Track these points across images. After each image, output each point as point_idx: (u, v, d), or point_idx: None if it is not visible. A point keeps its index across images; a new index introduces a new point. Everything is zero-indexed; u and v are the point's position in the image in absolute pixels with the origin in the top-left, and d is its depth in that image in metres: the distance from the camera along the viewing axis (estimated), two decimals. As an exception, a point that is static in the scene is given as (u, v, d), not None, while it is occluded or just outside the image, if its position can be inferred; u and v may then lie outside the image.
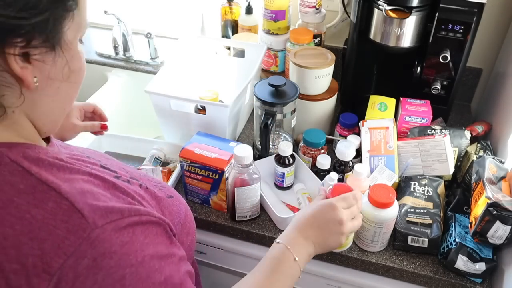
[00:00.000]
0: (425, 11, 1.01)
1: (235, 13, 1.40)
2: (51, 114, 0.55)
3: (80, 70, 0.56)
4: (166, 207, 0.63)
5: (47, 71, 0.50)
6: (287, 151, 0.98)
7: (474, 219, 0.82)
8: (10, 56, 0.46)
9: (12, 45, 0.45)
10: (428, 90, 1.10)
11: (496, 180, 0.86)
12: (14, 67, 0.46)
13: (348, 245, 0.92)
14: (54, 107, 0.55)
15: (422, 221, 0.87)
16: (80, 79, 0.57)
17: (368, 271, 0.92)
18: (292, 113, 1.07)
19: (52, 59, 0.50)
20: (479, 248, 0.83)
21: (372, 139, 1.02)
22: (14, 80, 0.48)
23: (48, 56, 0.50)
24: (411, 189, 0.94)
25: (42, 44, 0.48)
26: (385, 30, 1.05)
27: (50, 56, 0.50)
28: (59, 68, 0.52)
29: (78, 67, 0.55)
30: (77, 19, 0.52)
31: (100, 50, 1.55)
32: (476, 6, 0.98)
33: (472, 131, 1.07)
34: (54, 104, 0.55)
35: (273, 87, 1.01)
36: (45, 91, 0.52)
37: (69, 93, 0.56)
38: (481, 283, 0.85)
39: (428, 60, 1.07)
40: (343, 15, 1.32)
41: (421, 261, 0.89)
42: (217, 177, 0.93)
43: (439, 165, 0.97)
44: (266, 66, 1.37)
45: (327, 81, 1.12)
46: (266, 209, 0.99)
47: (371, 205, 0.84)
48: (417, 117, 1.06)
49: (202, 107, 1.07)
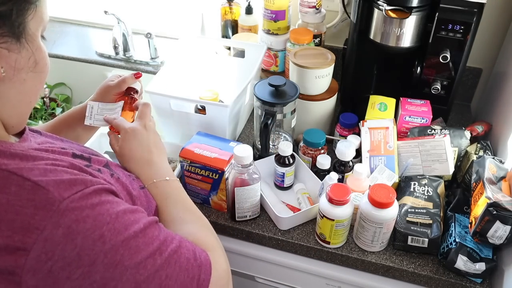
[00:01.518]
0: (425, 11, 1.01)
1: (235, 13, 1.40)
2: (18, 106, 0.56)
3: (44, 62, 0.57)
4: (138, 198, 0.65)
5: (13, 61, 0.52)
6: (287, 151, 0.98)
7: (474, 219, 0.82)
8: None
9: None
10: (428, 90, 1.10)
11: (496, 180, 0.86)
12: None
13: (342, 242, 0.92)
14: (20, 99, 0.56)
15: (422, 221, 0.87)
16: (45, 71, 0.58)
17: (368, 271, 0.92)
18: (292, 113, 1.07)
19: (18, 50, 0.52)
20: (479, 248, 0.83)
21: (372, 139, 1.02)
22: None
23: (13, 46, 0.51)
24: (411, 189, 0.94)
25: (6, 34, 0.49)
26: (385, 30, 1.05)
27: (15, 46, 0.51)
28: (25, 59, 0.53)
29: (42, 57, 0.56)
30: (39, 11, 0.53)
31: (100, 50, 1.55)
32: (476, 6, 0.98)
33: (472, 131, 1.07)
34: (21, 96, 0.55)
35: (273, 87, 1.01)
36: (11, 83, 0.53)
37: (35, 85, 0.57)
38: (481, 283, 0.85)
39: (428, 60, 1.07)
40: (343, 15, 1.32)
41: (421, 261, 0.89)
42: (217, 177, 0.93)
43: (439, 165, 0.97)
44: (266, 66, 1.37)
45: (327, 81, 1.12)
46: (266, 209, 0.99)
47: (371, 205, 0.84)
48: (417, 117, 1.06)
49: (202, 107, 1.07)
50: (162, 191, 0.72)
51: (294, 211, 0.98)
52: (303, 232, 0.95)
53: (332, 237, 0.90)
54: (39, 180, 0.49)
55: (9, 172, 0.49)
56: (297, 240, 0.94)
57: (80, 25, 1.71)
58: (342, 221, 0.87)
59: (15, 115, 0.56)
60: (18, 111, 0.57)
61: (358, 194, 0.92)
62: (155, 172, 0.74)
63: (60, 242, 0.47)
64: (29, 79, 0.55)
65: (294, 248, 0.95)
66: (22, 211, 0.47)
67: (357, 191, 0.93)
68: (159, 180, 0.73)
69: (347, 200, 0.85)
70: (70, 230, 0.47)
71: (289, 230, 0.96)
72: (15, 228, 0.46)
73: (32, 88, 0.57)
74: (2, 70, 0.50)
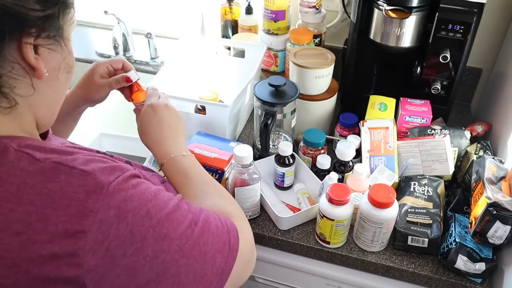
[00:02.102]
0: (425, 11, 1.01)
1: (235, 13, 1.40)
2: (51, 105, 0.59)
3: (73, 66, 0.60)
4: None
5: (53, 62, 0.55)
6: (287, 151, 0.98)
7: (474, 219, 0.82)
8: (26, 46, 0.49)
9: (29, 35, 0.49)
10: (428, 90, 1.10)
11: (496, 180, 0.86)
12: (30, 57, 0.50)
13: (342, 242, 0.92)
14: (54, 99, 0.59)
15: (422, 221, 0.87)
16: (71, 75, 0.60)
17: (368, 271, 0.92)
18: (292, 113, 1.07)
19: (59, 51, 0.55)
20: (479, 248, 0.83)
21: (372, 139, 1.02)
22: (24, 71, 0.51)
23: (56, 48, 0.54)
24: (411, 189, 0.94)
25: (50, 36, 0.52)
26: (385, 30, 1.05)
27: (55, 48, 0.54)
28: (62, 60, 0.56)
29: (72, 62, 0.59)
30: (73, 15, 0.57)
31: (100, 50, 1.55)
32: (476, 6, 0.98)
33: (472, 131, 1.07)
34: (55, 95, 0.59)
35: (273, 87, 1.01)
36: (49, 83, 0.55)
37: (66, 85, 0.60)
38: (481, 283, 0.85)
39: (428, 60, 1.07)
40: (343, 15, 1.32)
41: (421, 261, 0.89)
42: (217, 177, 0.93)
43: (439, 165, 0.97)
44: (266, 66, 1.37)
45: (327, 81, 1.12)
46: (266, 209, 0.99)
47: (371, 205, 0.84)
48: (417, 117, 1.06)
49: (202, 107, 1.07)
50: (181, 166, 0.75)
51: (294, 211, 0.98)
52: (303, 232, 0.95)
53: (332, 237, 0.90)
54: (85, 168, 0.51)
55: (55, 163, 0.51)
56: (297, 240, 0.94)
57: (80, 25, 1.71)
58: (342, 221, 0.87)
59: (47, 114, 0.59)
60: (51, 110, 0.60)
61: (358, 194, 0.92)
62: (172, 148, 0.76)
63: (113, 222, 0.50)
64: (63, 79, 0.58)
65: (294, 248, 0.95)
66: (75, 196, 0.49)
67: (357, 191, 0.93)
68: (176, 155, 0.75)
69: (347, 200, 0.85)
70: (120, 210, 0.50)
71: (289, 230, 0.96)
72: (72, 213, 0.48)
73: (64, 88, 0.60)
74: (45, 70, 0.53)
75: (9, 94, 0.51)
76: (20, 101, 0.53)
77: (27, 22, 0.48)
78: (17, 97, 0.52)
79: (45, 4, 0.50)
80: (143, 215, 0.52)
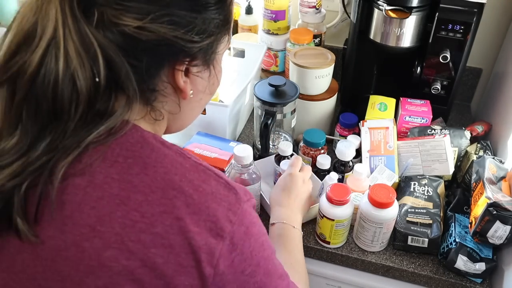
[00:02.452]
0: (425, 11, 1.01)
1: (235, 13, 1.40)
2: (186, 120, 0.64)
3: (219, 81, 0.64)
4: None
5: (200, 85, 0.59)
6: (287, 151, 0.98)
7: (474, 219, 0.82)
8: (178, 72, 0.54)
9: (182, 63, 0.53)
10: (428, 90, 1.10)
11: (496, 180, 0.86)
12: (179, 81, 0.54)
13: (342, 242, 0.92)
14: (190, 115, 0.64)
15: (422, 221, 0.87)
16: (214, 93, 0.65)
17: (368, 271, 0.92)
18: (292, 113, 1.07)
19: (206, 75, 0.58)
20: (479, 248, 0.83)
21: (372, 139, 1.02)
22: (173, 91, 0.56)
23: (204, 73, 0.58)
24: (411, 189, 0.94)
25: (201, 63, 0.56)
26: (385, 30, 1.05)
27: (205, 73, 0.58)
28: (210, 83, 0.60)
29: (220, 78, 0.63)
30: (228, 38, 0.60)
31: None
32: (476, 6, 0.98)
33: (472, 131, 1.07)
34: (192, 112, 0.63)
35: (273, 87, 1.01)
36: (192, 103, 0.60)
37: (205, 104, 0.64)
38: (481, 283, 0.85)
39: (428, 60, 1.07)
40: (343, 15, 1.32)
41: (421, 261, 0.89)
42: (217, 177, 0.93)
43: (439, 165, 0.97)
44: (266, 66, 1.37)
45: (327, 81, 1.12)
46: (266, 209, 0.99)
47: (371, 205, 0.84)
48: (417, 117, 1.06)
49: (202, 107, 1.07)
50: (286, 233, 0.79)
51: (294, 211, 0.98)
52: (303, 232, 0.95)
53: (332, 237, 0.90)
54: (228, 180, 0.55)
55: (204, 167, 0.54)
56: (297, 240, 0.94)
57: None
58: (342, 221, 0.87)
59: (178, 127, 0.64)
60: (182, 124, 0.64)
61: (358, 194, 0.92)
62: (288, 217, 0.82)
63: (241, 238, 0.52)
64: (204, 98, 0.62)
65: (294, 248, 0.95)
66: (221, 203, 0.52)
67: (357, 191, 0.93)
68: (287, 224, 0.80)
69: (347, 200, 0.85)
70: (248, 230, 0.53)
71: (289, 230, 0.96)
72: (218, 216, 0.51)
73: (201, 107, 0.64)
74: (191, 92, 0.57)
75: (159, 109, 0.56)
76: (165, 116, 0.58)
77: (183, 52, 0.52)
78: (164, 112, 0.57)
79: (201, 35, 0.52)
80: (260, 243, 0.55)
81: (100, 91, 0.48)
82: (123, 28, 0.47)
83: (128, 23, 0.47)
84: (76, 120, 0.48)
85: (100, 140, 0.49)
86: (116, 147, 0.50)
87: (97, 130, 0.49)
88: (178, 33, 0.50)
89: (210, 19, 0.53)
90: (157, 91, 0.54)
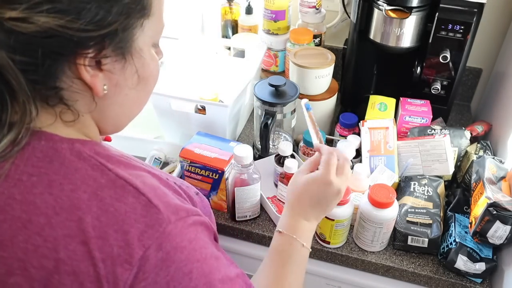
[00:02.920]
0: (425, 11, 1.01)
1: (235, 13, 1.40)
2: (116, 119, 0.57)
3: (150, 77, 0.56)
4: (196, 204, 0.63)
5: (116, 79, 0.51)
6: (287, 151, 0.98)
7: (474, 219, 0.82)
8: (81, 66, 0.47)
9: (82, 56, 0.47)
10: (428, 90, 1.10)
11: (496, 180, 0.86)
12: (85, 76, 0.48)
13: (342, 242, 0.92)
14: (120, 113, 0.57)
15: (422, 221, 0.87)
16: (150, 86, 0.58)
17: (368, 271, 0.92)
18: (292, 113, 1.07)
19: (122, 68, 0.51)
20: (479, 248, 0.83)
21: (372, 139, 1.02)
22: (85, 87, 0.49)
23: (118, 65, 0.50)
24: (411, 189, 0.94)
25: (112, 53, 0.49)
26: (385, 30, 1.05)
27: (120, 65, 0.51)
28: (128, 76, 0.53)
29: (148, 74, 0.55)
30: (150, 26, 0.52)
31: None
32: (476, 6, 0.98)
33: (472, 131, 1.07)
34: (121, 109, 0.56)
35: (273, 87, 1.01)
36: (113, 98, 0.53)
37: (138, 99, 0.57)
38: (481, 283, 0.85)
39: (428, 60, 1.07)
40: (343, 15, 1.32)
41: (421, 261, 0.89)
42: (217, 177, 0.93)
43: (439, 165, 0.97)
44: (266, 66, 1.37)
45: (327, 81, 1.12)
46: (266, 209, 0.99)
47: (371, 205, 0.84)
48: (417, 117, 1.06)
49: (202, 107, 1.07)
50: (291, 251, 0.68)
51: (294, 211, 0.98)
52: (303, 232, 0.95)
53: (332, 237, 0.90)
54: (152, 198, 0.49)
55: (125, 182, 0.49)
56: (297, 240, 0.94)
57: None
58: (342, 221, 0.87)
59: (112, 126, 0.58)
60: (117, 123, 0.58)
61: (358, 194, 0.92)
62: (302, 231, 0.70)
63: (156, 265, 0.47)
64: (132, 94, 0.55)
65: (294, 248, 0.95)
66: (135, 225, 0.47)
67: (357, 191, 0.93)
68: (296, 240, 0.69)
69: (347, 200, 0.85)
70: (168, 256, 0.48)
71: (289, 230, 0.96)
72: (128, 241, 0.46)
73: (134, 102, 0.57)
74: (104, 88, 0.50)
75: (71, 106, 0.50)
76: (84, 114, 0.52)
77: (77, 44, 0.46)
78: (80, 111, 0.51)
79: (98, 23, 0.45)
80: (185, 272, 0.49)
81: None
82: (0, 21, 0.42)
83: (2, 15, 0.41)
84: None
85: (4, 155, 0.45)
86: (20, 164, 0.47)
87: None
88: (63, 22, 0.43)
89: (111, 4, 0.46)
90: (62, 88, 0.48)
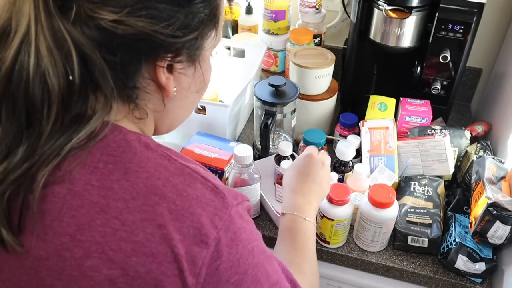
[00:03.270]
0: (425, 11, 1.01)
1: (235, 13, 1.40)
2: (174, 120, 0.61)
3: (208, 82, 0.61)
4: None
5: (185, 83, 0.56)
6: (287, 151, 0.98)
7: (474, 219, 0.82)
8: (159, 68, 0.51)
9: (163, 59, 0.50)
10: (428, 90, 1.10)
11: (496, 180, 0.86)
12: (161, 78, 0.51)
13: (342, 242, 0.92)
14: (179, 114, 0.61)
15: (422, 221, 0.87)
16: (205, 90, 0.62)
17: (368, 271, 0.92)
18: (292, 113, 1.07)
19: (191, 72, 0.55)
20: (479, 248, 0.83)
21: (372, 139, 1.02)
22: (157, 88, 0.53)
23: (188, 70, 0.55)
24: (411, 189, 0.94)
25: (186, 59, 0.53)
26: (385, 30, 1.05)
27: (190, 70, 0.55)
28: (196, 81, 0.57)
29: (208, 80, 0.60)
30: (214, 37, 0.57)
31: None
32: (476, 6, 0.98)
33: (472, 131, 1.07)
34: (180, 111, 0.61)
35: (273, 87, 1.01)
36: (178, 101, 0.57)
37: (194, 103, 0.62)
38: (481, 283, 0.85)
39: (428, 60, 1.07)
40: (343, 15, 1.32)
41: (421, 261, 0.89)
42: (217, 177, 0.93)
43: (439, 165, 0.97)
44: (266, 66, 1.37)
45: (327, 81, 1.12)
46: (266, 209, 0.99)
47: (371, 205, 0.84)
48: (417, 117, 1.06)
49: (202, 107, 1.07)
50: (297, 227, 0.73)
51: (294, 211, 0.98)
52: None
53: (332, 237, 0.90)
54: (217, 184, 0.52)
55: (191, 170, 0.52)
56: (297, 240, 0.94)
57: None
58: (342, 221, 0.87)
59: (167, 127, 0.62)
60: (171, 124, 0.62)
61: (358, 194, 0.92)
62: (301, 207, 0.75)
63: (228, 244, 0.50)
64: (192, 97, 0.59)
65: (294, 248, 0.95)
66: (206, 208, 0.50)
67: (357, 191, 0.93)
68: (299, 216, 0.74)
69: (347, 200, 0.85)
70: (235, 236, 0.51)
71: (289, 230, 0.96)
72: (202, 222, 0.49)
73: (191, 106, 0.62)
74: (174, 90, 0.54)
75: (142, 107, 0.53)
76: (149, 114, 0.55)
77: (163, 48, 0.49)
78: (148, 111, 0.54)
79: (184, 30, 0.50)
80: (249, 250, 0.52)
81: (74, 90, 0.46)
82: (99, 22, 0.45)
83: (104, 17, 0.45)
84: (51, 123, 0.46)
85: (80, 145, 0.47)
86: (96, 153, 0.49)
87: (77, 135, 0.47)
88: (157, 28, 0.47)
89: (194, 14, 0.50)
90: (138, 88, 0.51)
